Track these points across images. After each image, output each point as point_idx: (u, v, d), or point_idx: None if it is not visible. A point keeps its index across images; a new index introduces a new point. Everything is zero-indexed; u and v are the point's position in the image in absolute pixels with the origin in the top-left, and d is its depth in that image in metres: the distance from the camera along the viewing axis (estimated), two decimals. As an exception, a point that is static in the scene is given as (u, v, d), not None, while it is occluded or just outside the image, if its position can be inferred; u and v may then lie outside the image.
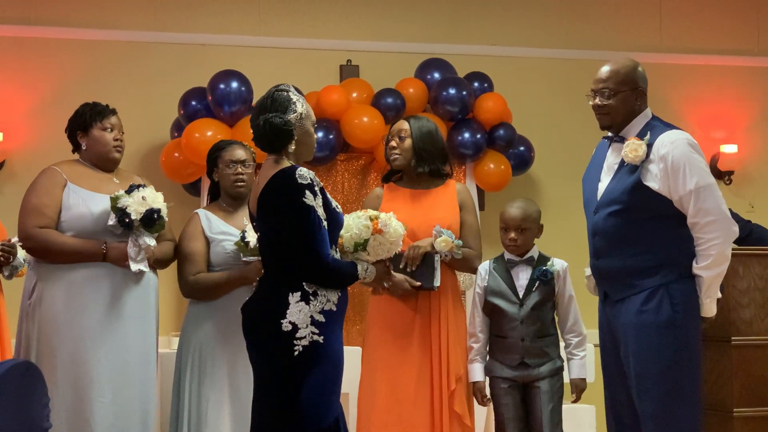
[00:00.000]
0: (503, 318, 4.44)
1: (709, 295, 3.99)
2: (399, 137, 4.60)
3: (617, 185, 4.05)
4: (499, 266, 4.53)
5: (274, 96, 3.81)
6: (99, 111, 4.57)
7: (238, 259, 4.43)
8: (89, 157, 4.55)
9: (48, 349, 4.29)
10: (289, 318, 3.64)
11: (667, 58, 7.41)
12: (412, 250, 4.41)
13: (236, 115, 6.27)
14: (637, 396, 3.99)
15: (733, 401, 4.81)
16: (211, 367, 4.39)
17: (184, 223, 4.60)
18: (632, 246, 4.02)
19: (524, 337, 4.40)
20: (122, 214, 4.33)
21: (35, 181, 4.47)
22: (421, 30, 7.09)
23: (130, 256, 4.36)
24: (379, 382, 4.45)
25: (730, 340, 4.83)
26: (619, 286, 4.07)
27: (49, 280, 4.35)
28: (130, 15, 6.67)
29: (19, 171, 6.23)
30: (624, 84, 4.08)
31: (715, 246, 3.93)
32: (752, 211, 7.17)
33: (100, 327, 4.32)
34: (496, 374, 4.47)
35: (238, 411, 4.35)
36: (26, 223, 4.37)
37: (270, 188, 3.72)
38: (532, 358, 4.41)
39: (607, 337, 4.15)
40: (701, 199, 3.92)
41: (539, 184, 7.14)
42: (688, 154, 3.96)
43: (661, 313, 3.95)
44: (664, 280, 3.97)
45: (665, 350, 3.93)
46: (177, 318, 6.33)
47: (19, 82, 6.47)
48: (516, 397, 4.44)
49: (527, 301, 4.42)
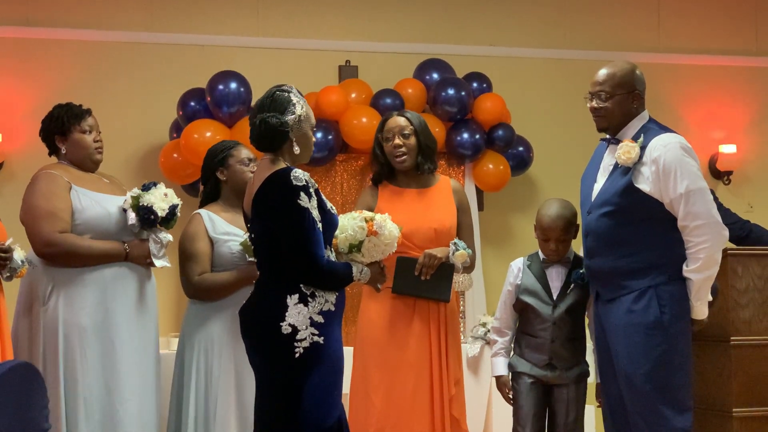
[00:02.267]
0: (536, 317, 4.40)
1: (699, 297, 4.03)
2: (402, 135, 4.50)
3: (610, 187, 4.09)
4: (534, 265, 4.46)
5: (275, 96, 3.80)
6: (76, 113, 4.53)
7: (244, 259, 4.42)
8: (71, 159, 4.52)
9: (79, 351, 4.29)
10: (289, 320, 3.64)
11: (666, 58, 7.41)
12: (428, 259, 4.35)
13: (235, 116, 6.27)
14: (627, 395, 4.04)
15: (732, 401, 4.81)
16: (218, 367, 4.39)
17: (184, 224, 4.59)
18: (623, 247, 4.05)
19: (555, 339, 4.36)
20: (147, 211, 4.35)
21: (35, 186, 4.41)
22: (420, 30, 7.09)
23: (153, 254, 4.41)
24: (375, 385, 4.41)
25: (729, 340, 4.84)
26: (609, 286, 4.11)
27: (69, 284, 4.33)
28: (128, 16, 6.67)
29: (18, 172, 6.23)
30: (620, 87, 4.11)
31: (704, 249, 3.96)
32: (751, 211, 7.17)
33: (126, 327, 4.36)
34: (522, 370, 4.42)
35: (244, 411, 4.35)
36: (44, 229, 4.31)
37: (265, 189, 3.71)
38: (560, 361, 4.37)
39: (600, 336, 4.20)
40: (691, 202, 3.96)
41: (538, 185, 7.14)
42: (680, 157, 3.99)
43: (648, 314, 3.99)
44: (653, 282, 4.01)
45: (652, 351, 3.98)
46: (175, 319, 6.33)
47: (18, 83, 6.47)
48: (539, 395, 4.40)
49: (561, 304, 4.37)
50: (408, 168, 4.54)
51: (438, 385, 4.40)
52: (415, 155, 4.52)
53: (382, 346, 4.44)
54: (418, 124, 4.54)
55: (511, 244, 6.93)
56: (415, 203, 4.53)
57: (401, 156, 4.50)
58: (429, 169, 4.55)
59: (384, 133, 4.55)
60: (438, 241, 4.45)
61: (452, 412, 4.42)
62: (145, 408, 4.41)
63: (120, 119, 6.36)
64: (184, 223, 4.58)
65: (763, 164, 7.57)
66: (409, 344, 4.42)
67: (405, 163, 4.51)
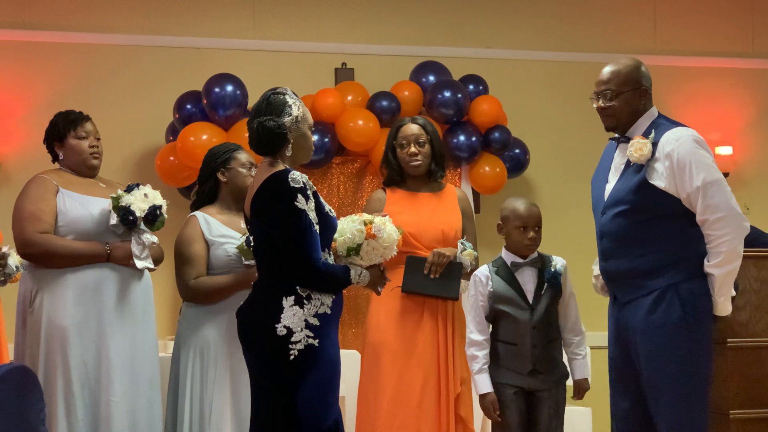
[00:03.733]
0: (513, 325, 4.28)
1: (722, 293, 3.92)
2: (418, 143, 4.60)
3: (623, 185, 4.01)
4: (502, 270, 4.35)
5: (270, 99, 3.80)
6: (72, 120, 4.58)
7: (240, 262, 4.42)
8: (69, 165, 4.57)
9: (59, 353, 4.30)
10: (284, 322, 3.63)
11: (662, 60, 7.41)
12: (438, 257, 4.41)
13: (231, 119, 6.26)
14: (650, 399, 3.94)
15: (730, 403, 4.81)
16: (214, 369, 4.38)
17: (179, 227, 4.58)
18: (640, 246, 3.96)
19: (536, 344, 4.26)
20: (125, 212, 4.35)
21: (25, 189, 4.47)
22: (416, 33, 7.09)
23: (135, 254, 4.40)
24: (384, 384, 4.44)
25: (726, 342, 4.84)
26: (627, 287, 4.01)
27: (52, 285, 4.35)
28: (125, 19, 6.67)
29: (15, 175, 6.22)
30: (626, 84, 4.05)
31: (725, 243, 3.86)
32: (747, 213, 7.14)
33: (110, 328, 4.36)
34: (504, 381, 4.29)
35: (239, 414, 4.34)
36: (25, 230, 4.36)
37: (262, 191, 3.72)
38: (543, 364, 4.27)
39: (617, 340, 4.09)
40: (709, 195, 3.86)
41: (534, 187, 7.14)
42: (694, 150, 3.90)
43: (671, 315, 3.89)
44: (672, 281, 3.91)
45: (676, 352, 3.88)
46: (171, 322, 6.32)
47: (14, 87, 6.46)
48: (522, 404, 4.29)
49: (539, 306, 4.29)
50: (421, 174, 4.64)
51: (445, 383, 4.43)
52: (429, 162, 4.63)
53: (393, 347, 4.47)
54: (432, 132, 4.67)
55: (507, 247, 6.93)
56: (424, 205, 4.62)
57: (416, 163, 4.61)
58: (441, 175, 4.68)
59: (399, 140, 4.66)
60: (445, 242, 4.55)
61: (459, 411, 4.43)
62: (137, 408, 4.40)
63: (116, 122, 6.34)
64: (179, 226, 4.58)
65: (760, 166, 7.57)
66: (418, 343, 4.47)
67: (419, 169, 4.62)
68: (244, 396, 4.29)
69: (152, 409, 4.48)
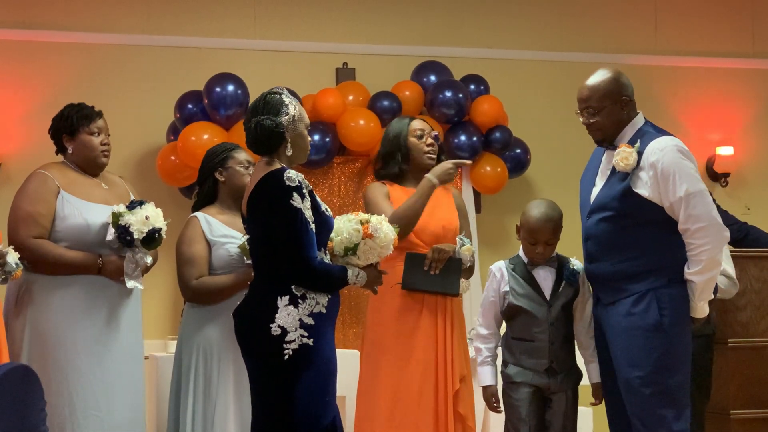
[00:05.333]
0: (531, 321, 4.25)
1: (702, 298, 4.01)
2: (434, 139, 4.63)
3: (608, 191, 4.07)
4: (519, 267, 4.33)
5: (267, 99, 3.81)
6: (86, 114, 4.49)
7: (242, 262, 4.41)
8: (75, 160, 4.49)
9: (40, 357, 4.26)
10: (278, 322, 3.64)
11: (663, 60, 7.42)
12: (437, 253, 4.41)
13: (232, 119, 6.27)
14: (626, 398, 4.02)
15: (730, 403, 4.82)
16: (217, 369, 4.37)
17: (180, 227, 4.58)
18: (623, 251, 4.04)
19: (554, 341, 4.23)
20: (124, 231, 4.29)
21: (26, 186, 4.40)
22: (417, 33, 7.09)
23: (126, 273, 4.35)
24: (383, 382, 4.43)
25: (727, 342, 4.84)
26: (609, 290, 4.09)
27: (44, 288, 4.32)
28: (125, 18, 6.67)
29: (15, 175, 6.21)
30: (605, 98, 4.07)
31: (705, 252, 3.93)
32: (748, 213, 7.17)
33: (94, 340, 4.32)
34: (520, 380, 4.25)
35: (243, 415, 4.34)
36: (19, 232, 4.30)
37: (258, 190, 3.72)
38: (560, 363, 4.24)
39: (600, 340, 4.17)
40: (692, 205, 3.93)
41: (535, 187, 7.14)
42: (678, 160, 3.97)
43: (648, 317, 3.97)
44: (653, 285, 3.99)
45: (651, 354, 3.95)
46: (172, 322, 6.32)
47: (14, 86, 6.46)
48: (539, 404, 4.25)
49: (556, 303, 4.26)
50: (431, 167, 4.58)
51: (443, 380, 4.43)
52: (437, 159, 4.63)
53: (392, 345, 4.47)
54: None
55: (508, 247, 6.91)
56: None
57: (431, 157, 4.60)
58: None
59: (416, 131, 4.61)
60: (445, 238, 4.54)
61: (458, 408, 4.43)
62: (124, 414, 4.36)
63: (117, 122, 6.26)
64: (181, 226, 4.57)
65: (760, 166, 7.58)
66: (417, 341, 4.46)
67: (432, 163, 4.59)
68: (247, 396, 4.26)
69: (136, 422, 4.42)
